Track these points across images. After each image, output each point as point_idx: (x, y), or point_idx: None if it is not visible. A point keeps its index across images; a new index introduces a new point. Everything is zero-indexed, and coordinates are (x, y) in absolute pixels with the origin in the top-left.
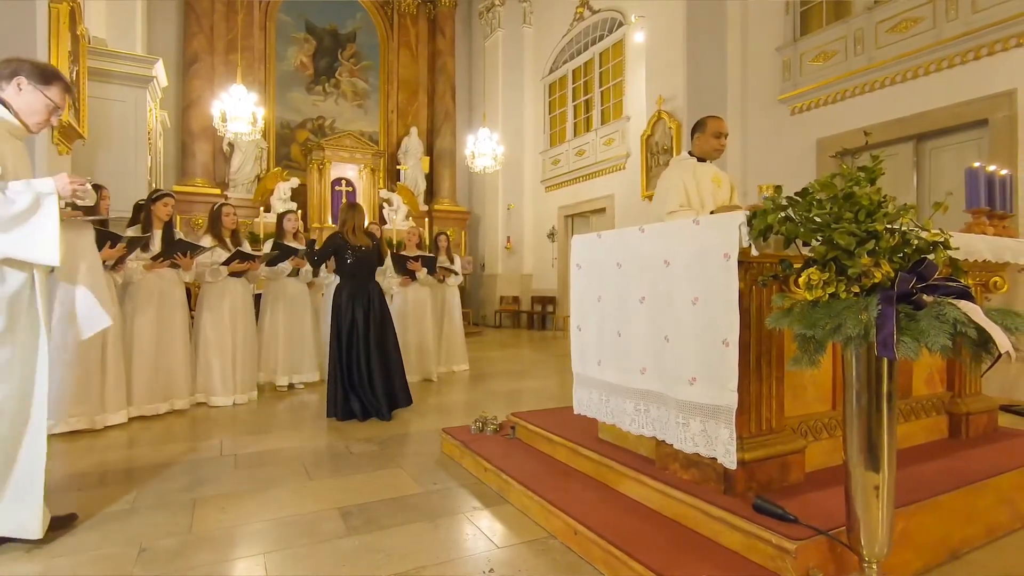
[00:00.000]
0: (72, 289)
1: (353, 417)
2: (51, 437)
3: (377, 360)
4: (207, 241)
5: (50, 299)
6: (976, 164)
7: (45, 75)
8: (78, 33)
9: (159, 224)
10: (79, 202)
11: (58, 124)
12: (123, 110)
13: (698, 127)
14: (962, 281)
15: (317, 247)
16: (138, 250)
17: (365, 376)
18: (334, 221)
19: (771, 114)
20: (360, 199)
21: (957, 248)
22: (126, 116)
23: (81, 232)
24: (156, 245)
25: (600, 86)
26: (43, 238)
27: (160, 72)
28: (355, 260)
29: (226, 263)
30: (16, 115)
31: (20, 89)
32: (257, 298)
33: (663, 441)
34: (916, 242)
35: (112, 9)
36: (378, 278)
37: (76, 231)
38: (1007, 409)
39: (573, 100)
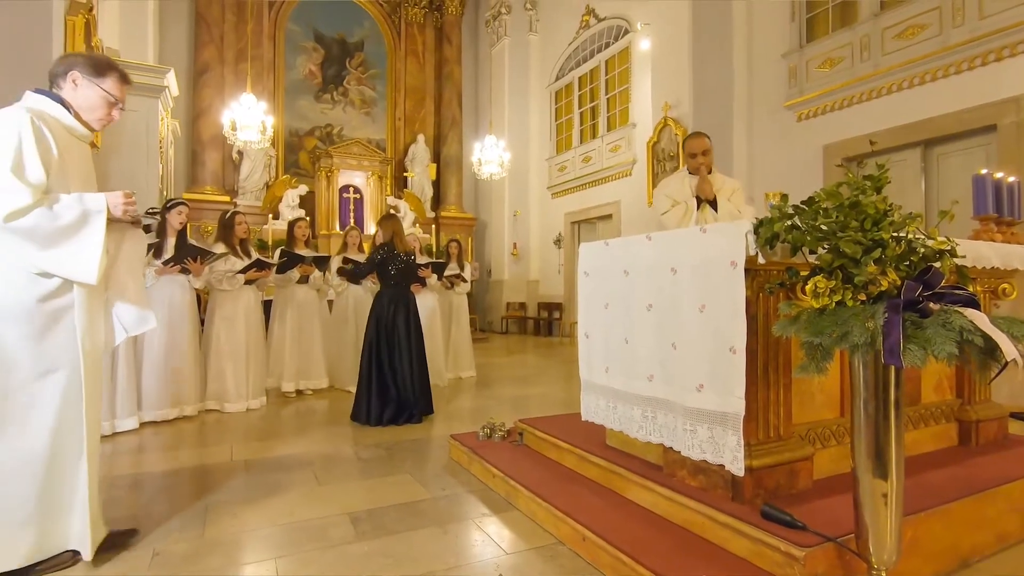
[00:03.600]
0: (120, 289)
1: (392, 422)
2: None
3: (417, 364)
4: (219, 248)
5: (92, 313)
6: (983, 171)
7: (98, 67)
8: (93, 44)
9: (172, 232)
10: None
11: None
12: (135, 119)
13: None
14: (969, 289)
15: (324, 254)
16: (151, 256)
17: (408, 380)
18: (342, 228)
19: (777, 120)
20: (367, 206)
21: (963, 256)
22: (138, 125)
23: (126, 234)
24: (169, 252)
25: (606, 93)
26: (85, 257)
27: (172, 82)
28: (400, 268)
29: (244, 271)
30: (77, 115)
31: (76, 85)
32: (267, 304)
33: (671, 448)
34: (922, 250)
35: (125, 20)
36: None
37: (120, 232)
38: (1017, 416)
39: (579, 107)
